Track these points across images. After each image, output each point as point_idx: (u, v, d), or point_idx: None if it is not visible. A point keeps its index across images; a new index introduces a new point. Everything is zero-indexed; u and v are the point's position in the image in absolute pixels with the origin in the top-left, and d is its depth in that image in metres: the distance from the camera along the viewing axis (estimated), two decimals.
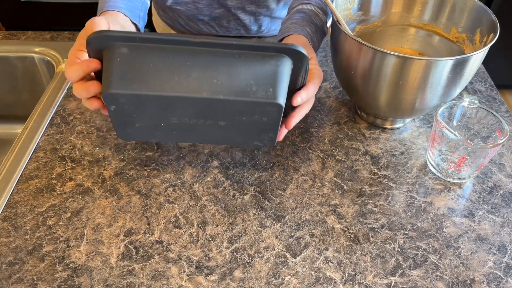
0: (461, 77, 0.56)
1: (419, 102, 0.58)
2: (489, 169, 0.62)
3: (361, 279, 0.49)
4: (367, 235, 0.54)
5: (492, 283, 0.50)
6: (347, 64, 0.59)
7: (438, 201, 0.58)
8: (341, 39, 0.58)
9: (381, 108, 0.62)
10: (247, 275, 0.50)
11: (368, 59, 0.55)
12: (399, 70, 0.54)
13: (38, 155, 0.62)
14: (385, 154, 0.64)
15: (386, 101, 0.59)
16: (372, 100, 0.61)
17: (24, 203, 0.56)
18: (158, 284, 0.49)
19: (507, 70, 1.95)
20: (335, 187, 0.59)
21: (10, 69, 0.83)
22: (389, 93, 0.58)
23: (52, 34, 0.86)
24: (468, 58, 0.53)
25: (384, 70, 0.55)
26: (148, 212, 0.55)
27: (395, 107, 0.61)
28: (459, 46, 0.65)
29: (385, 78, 0.56)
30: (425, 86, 0.55)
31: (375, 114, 0.66)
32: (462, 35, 0.65)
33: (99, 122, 0.68)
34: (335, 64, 0.64)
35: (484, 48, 0.54)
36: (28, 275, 0.49)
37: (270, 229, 0.54)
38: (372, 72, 0.56)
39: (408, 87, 0.56)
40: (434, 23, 0.68)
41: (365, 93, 0.60)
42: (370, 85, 0.58)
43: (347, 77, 0.61)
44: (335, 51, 0.62)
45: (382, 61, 0.54)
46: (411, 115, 0.63)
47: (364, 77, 0.58)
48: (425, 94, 0.57)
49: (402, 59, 0.53)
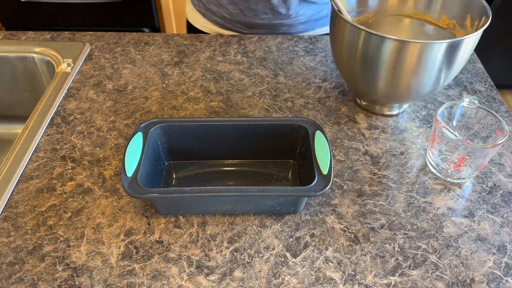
0: (454, 61, 0.58)
1: (415, 85, 0.61)
2: (489, 169, 0.62)
3: (361, 279, 0.50)
4: (367, 235, 0.54)
5: (492, 283, 0.50)
6: (348, 52, 0.62)
7: (438, 201, 0.58)
8: (342, 28, 0.61)
9: (380, 93, 0.64)
10: (247, 275, 0.50)
11: (368, 44, 0.58)
12: (397, 53, 0.57)
13: (38, 155, 0.62)
14: (385, 154, 0.64)
15: (384, 85, 0.62)
16: (371, 86, 0.64)
17: (25, 203, 0.56)
18: (158, 284, 0.49)
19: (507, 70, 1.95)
20: (335, 187, 0.59)
21: (10, 69, 0.83)
22: (387, 77, 0.61)
23: (52, 34, 0.86)
24: (461, 41, 0.56)
25: (383, 54, 0.58)
26: (148, 212, 0.56)
27: (393, 92, 0.64)
28: (450, 33, 0.68)
29: (384, 62, 0.59)
30: (421, 69, 0.58)
31: (374, 100, 0.69)
32: (452, 21, 0.68)
33: (99, 122, 0.68)
34: (335, 53, 0.66)
35: (477, 32, 0.57)
36: (28, 275, 0.49)
37: (270, 229, 0.54)
38: (372, 57, 0.59)
39: (405, 70, 0.59)
40: (424, 12, 0.71)
41: (364, 79, 0.63)
42: (369, 70, 0.61)
43: (348, 65, 0.64)
44: (335, 40, 0.64)
45: (381, 46, 0.57)
46: (408, 99, 0.66)
47: (364, 63, 0.61)
48: (421, 78, 0.60)
49: (400, 43, 0.56)
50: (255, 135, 0.59)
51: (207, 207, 0.55)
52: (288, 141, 0.60)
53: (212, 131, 0.59)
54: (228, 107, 0.71)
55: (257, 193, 0.50)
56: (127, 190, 0.50)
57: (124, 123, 0.68)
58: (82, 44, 0.83)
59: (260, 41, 0.85)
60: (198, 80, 0.76)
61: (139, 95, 0.73)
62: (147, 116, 0.69)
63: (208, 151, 0.61)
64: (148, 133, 0.56)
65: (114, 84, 0.75)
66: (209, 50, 0.83)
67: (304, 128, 0.58)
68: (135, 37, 0.86)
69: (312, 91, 0.74)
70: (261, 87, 0.75)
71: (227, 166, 0.62)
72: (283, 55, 0.82)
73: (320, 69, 0.79)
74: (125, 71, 0.78)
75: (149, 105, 0.71)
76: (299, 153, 0.60)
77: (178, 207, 0.54)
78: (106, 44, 0.84)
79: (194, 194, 0.50)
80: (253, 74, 0.78)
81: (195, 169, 0.61)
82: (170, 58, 0.81)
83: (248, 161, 0.62)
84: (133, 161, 0.53)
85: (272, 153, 0.61)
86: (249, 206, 0.54)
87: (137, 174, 0.51)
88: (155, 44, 0.84)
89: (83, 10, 1.74)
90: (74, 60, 0.79)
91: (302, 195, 0.51)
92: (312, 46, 0.84)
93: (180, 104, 0.71)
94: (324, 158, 0.53)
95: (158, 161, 0.59)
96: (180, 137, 0.59)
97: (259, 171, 0.61)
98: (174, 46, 0.83)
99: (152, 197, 0.50)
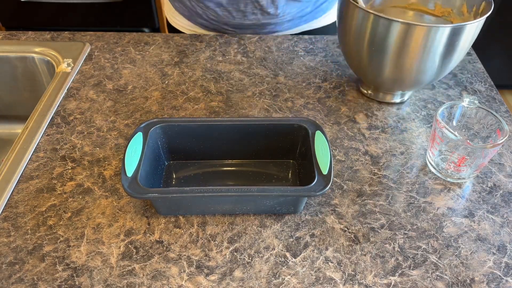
0: (457, 47, 0.60)
1: (418, 70, 0.63)
2: (489, 169, 0.62)
3: (361, 279, 0.50)
4: (367, 235, 0.54)
5: (492, 283, 0.50)
6: (356, 37, 0.64)
7: (438, 201, 0.58)
8: (351, 13, 0.62)
9: (385, 77, 0.66)
10: (247, 275, 0.50)
11: (375, 28, 0.60)
12: (403, 36, 0.59)
13: (38, 155, 0.62)
14: (385, 154, 0.64)
15: (390, 69, 0.64)
16: (377, 70, 0.66)
17: (25, 203, 0.56)
18: (158, 284, 0.49)
19: (507, 70, 1.95)
20: (335, 187, 0.59)
21: (10, 69, 0.83)
22: (393, 60, 0.62)
23: (52, 34, 0.86)
24: (464, 27, 0.58)
25: (390, 38, 0.60)
26: (148, 212, 0.56)
27: (397, 76, 0.65)
28: (447, 20, 0.70)
29: (390, 46, 0.60)
30: (425, 53, 0.60)
31: (378, 86, 0.71)
32: (447, 9, 0.70)
33: (99, 122, 0.68)
34: (343, 40, 0.68)
35: (480, 18, 0.58)
36: (28, 275, 0.49)
37: (270, 229, 0.54)
38: (379, 41, 0.61)
39: (410, 54, 0.61)
40: (418, 2, 0.72)
41: (371, 63, 0.65)
42: (376, 55, 0.63)
43: (355, 50, 0.66)
44: (344, 27, 0.66)
45: (388, 29, 0.59)
46: (411, 85, 0.68)
47: (371, 47, 0.62)
48: (424, 62, 0.62)
49: (406, 26, 0.58)
50: (255, 135, 0.59)
51: (207, 207, 0.55)
52: (288, 141, 0.60)
53: (212, 131, 0.59)
54: (228, 107, 0.71)
55: (257, 193, 0.50)
56: (127, 190, 0.50)
57: (124, 123, 0.68)
58: (82, 44, 0.83)
59: (260, 41, 0.85)
60: (198, 80, 0.76)
61: (139, 95, 0.73)
62: (147, 116, 0.69)
63: (208, 151, 0.61)
64: (148, 133, 0.56)
65: (114, 84, 0.75)
66: (209, 50, 0.83)
67: (304, 128, 0.58)
68: (135, 37, 0.86)
69: (312, 91, 0.74)
70: (261, 87, 0.75)
71: (227, 166, 0.62)
72: (283, 55, 0.82)
73: (320, 69, 0.79)
74: (125, 71, 0.78)
75: (149, 105, 0.71)
76: (299, 153, 0.60)
77: (178, 207, 0.54)
78: (106, 44, 0.84)
79: (194, 194, 0.50)
80: (253, 74, 0.78)
81: (195, 169, 0.61)
82: (170, 58, 0.81)
83: (248, 161, 0.62)
84: (133, 161, 0.53)
85: (272, 153, 0.61)
86: (249, 206, 0.55)
87: (137, 174, 0.51)
88: (155, 44, 0.84)
89: (83, 10, 1.74)
90: (74, 60, 0.79)
91: (302, 195, 0.51)
92: (312, 46, 0.84)
93: (180, 104, 0.71)
94: (324, 158, 0.53)
95: (158, 161, 0.59)
96: (180, 137, 0.59)
97: (259, 171, 0.61)
98: (174, 46, 0.83)
99: (152, 197, 0.50)
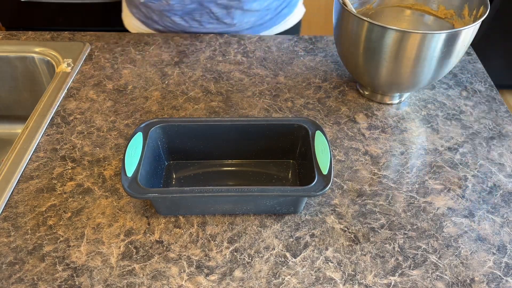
0: (453, 51, 0.60)
1: (415, 74, 0.63)
2: (489, 169, 0.62)
3: (361, 279, 0.50)
4: (367, 235, 0.54)
5: (492, 283, 0.50)
6: (352, 42, 0.64)
7: (438, 201, 0.58)
8: (346, 19, 0.63)
9: (382, 82, 0.66)
10: (247, 275, 0.50)
11: (370, 35, 0.60)
12: (398, 43, 0.59)
13: (38, 155, 0.62)
14: (385, 154, 0.64)
15: (386, 74, 0.64)
16: (373, 75, 0.66)
17: (25, 203, 0.56)
18: (158, 284, 0.49)
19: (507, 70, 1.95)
20: (335, 187, 0.59)
21: (10, 69, 0.83)
22: (389, 66, 0.63)
23: (52, 34, 0.86)
24: (459, 32, 0.58)
25: (385, 44, 0.60)
26: (148, 212, 0.56)
27: (394, 80, 0.65)
28: (448, 23, 0.70)
29: (385, 52, 0.61)
30: (421, 58, 0.60)
31: (376, 89, 0.71)
32: (450, 11, 0.69)
33: (99, 122, 0.68)
34: (340, 45, 0.68)
35: (475, 23, 0.58)
36: (28, 275, 0.49)
37: (270, 229, 0.54)
38: (374, 47, 0.61)
39: (405, 59, 0.61)
40: (423, 3, 0.72)
41: (367, 69, 0.65)
42: (372, 60, 0.63)
43: (352, 55, 0.66)
44: (340, 32, 0.66)
45: (383, 36, 0.59)
46: (408, 88, 0.68)
47: (366, 53, 0.63)
48: (421, 67, 0.62)
49: (401, 33, 0.58)
50: (255, 135, 0.59)
51: (207, 207, 0.55)
52: (288, 141, 0.60)
53: (212, 131, 0.59)
54: (228, 107, 0.71)
55: (257, 193, 0.50)
56: (127, 190, 0.50)
57: (124, 123, 0.68)
58: (82, 44, 0.83)
59: (260, 41, 0.85)
60: (198, 80, 0.76)
61: (139, 95, 0.73)
62: (147, 116, 0.69)
63: (208, 151, 0.61)
64: (148, 133, 0.56)
65: (114, 84, 0.75)
66: (209, 50, 0.83)
67: (304, 128, 0.58)
68: (135, 37, 0.86)
69: (312, 91, 0.74)
70: (261, 87, 0.75)
71: (227, 166, 0.62)
72: (283, 55, 0.82)
73: (320, 69, 0.79)
74: (125, 71, 0.78)
75: (149, 105, 0.71)
76: (299, 153, 0.60)
77: (178, 207, 0.54)
78: (106, 44, 0.84)
79: (194, 194, 0.50)
80: (253, 74, 0.78)
81: (195, 169, 0.61)
82: (170, 58, 0.81)
83: (248, 161, 0.62)
84: (133, 161, 0.53)
85: (272, 153, 0.61)
86: (249, 206, 0.54)
87: (137, 174, 0.51)
88: (155, 44, 0.84)
89: (83, 10, 1.74)
90: (74, 60, 0.79)
91: (302, 195, 0.51)
92: (312, 46, 0.84)
93: (180, 104, 0.71)
94: (324, 158, 0.53)
95: (158, 161, 0.59)
96: (180, 137, 0.59)
97: (259, 171, 0.61)
98: (174, 46, 0.83)
99: (152, 197, 0.50)
